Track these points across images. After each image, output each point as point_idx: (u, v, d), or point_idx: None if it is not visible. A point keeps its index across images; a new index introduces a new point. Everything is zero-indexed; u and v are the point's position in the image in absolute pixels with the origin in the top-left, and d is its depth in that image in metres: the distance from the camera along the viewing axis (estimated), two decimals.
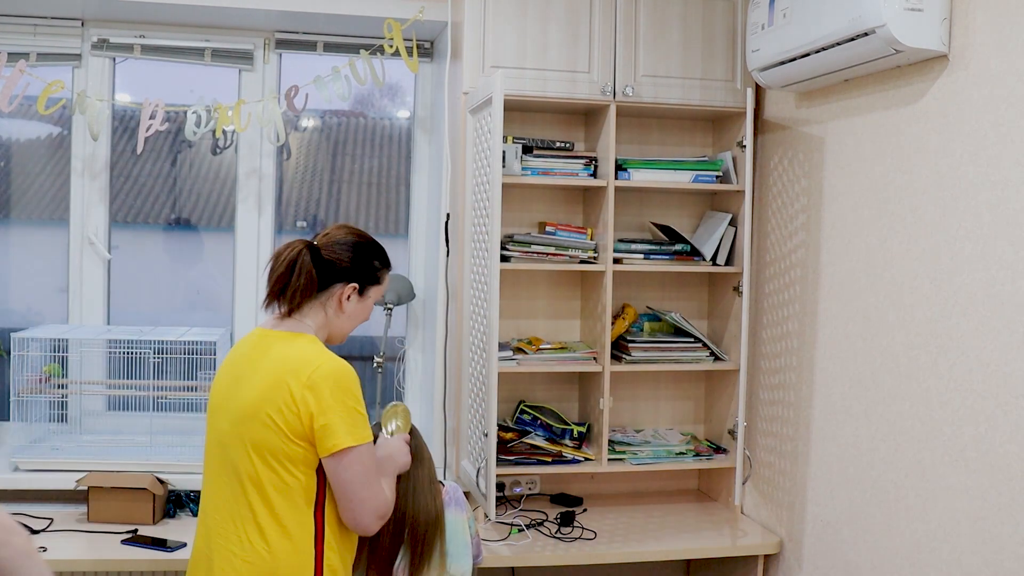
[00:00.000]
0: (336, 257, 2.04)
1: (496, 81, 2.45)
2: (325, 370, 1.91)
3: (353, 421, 1.90)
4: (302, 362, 1.92)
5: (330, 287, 2.03)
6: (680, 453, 3.04)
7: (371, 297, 2.11)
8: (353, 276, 2.05)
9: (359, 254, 2.06)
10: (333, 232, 2.09)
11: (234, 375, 2.01)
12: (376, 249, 2.11)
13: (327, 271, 2.02)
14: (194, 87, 3.18)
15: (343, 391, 1.91)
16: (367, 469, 1.92)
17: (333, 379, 1.90)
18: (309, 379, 1.89)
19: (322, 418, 1.88)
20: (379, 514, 1.96)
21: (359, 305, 2.08)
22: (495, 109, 2.46)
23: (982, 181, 2.07)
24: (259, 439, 1.90)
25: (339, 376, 1.92)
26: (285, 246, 2.03)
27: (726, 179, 3.05)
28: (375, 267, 2.09)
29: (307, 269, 1.99)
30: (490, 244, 2.48)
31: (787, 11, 2.51)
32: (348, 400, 1.91)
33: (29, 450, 2.85)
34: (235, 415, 1.94)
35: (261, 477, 1.90)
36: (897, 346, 2.34)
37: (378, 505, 1.95)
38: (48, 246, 3.16)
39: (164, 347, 2.86)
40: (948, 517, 2.15)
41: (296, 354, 1.94)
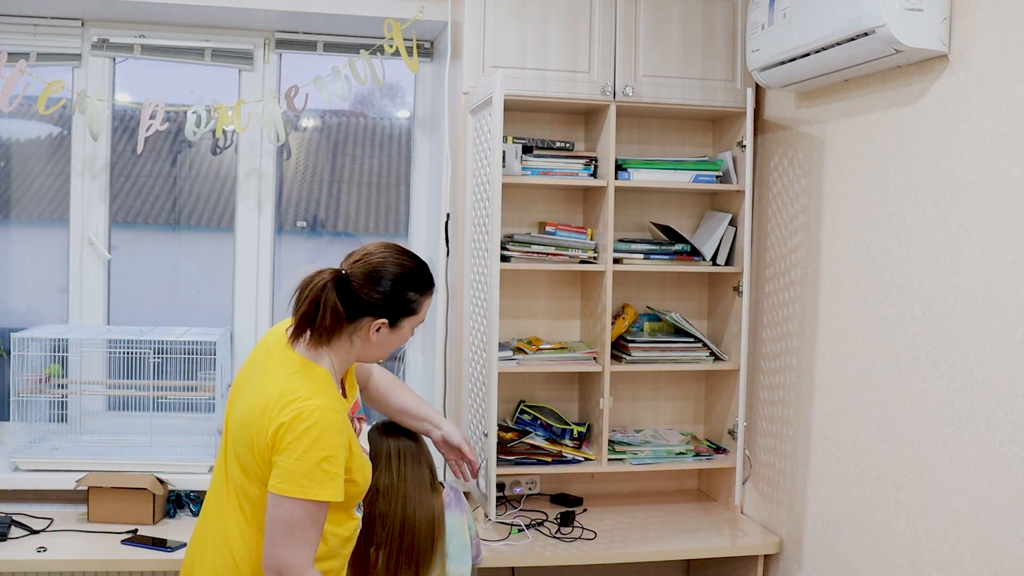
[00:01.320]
0: (366, 293, 1.90)
1: (496, 81, 2.45)
2: (304, 415, 1.79)
3: (303, 471, 1.77)
4: (293, 397, 1.82)
5: (358, 320, 1.91)
6: (680, 453, 3.04)
7: (405, 327, 1.96)
8: (383, 312, 1.92)
9: (392, 289, 1.91)
10: (372, 258, 1.94)
11: (247, 375, 1.98)
12: (413, 278, 1.95)
13: (355, 305, 1.90)
14: (194, 87, 3.18)
15: (311, 438, 1.78)
16: (294, 524, 1.78)
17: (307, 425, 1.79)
18: (293, 420, 1.79)
19: (279, 456, 1.79)
20: (276, 568, 1.79)
21: (391, 336, 1.96)
22: (495, 109, 2.46)
23: (982, 181, 2.07)
24: (242, 452, 1.87)
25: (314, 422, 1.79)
26: (311, 276, 1.90)
27: (726, 179, 3.05)
28: (409, 299, 1.94)
29: (331, 306, 1.86)
30: (490, 244, 2.48)
31: (787, 11, 2.51)
32: (312, 449, 1.78)
33: (29, 450, 2.85)
34: (235, 419, 1.92)
35: (241, 486, 1.89)
36: (897, 346, 2.34)
37: (282, 561, 1.78)
38: (48, 246, 3.16)
39: (164, 347, 2.86)
40: (948, 517, 2.15)
41: (295, 388, 1.84)
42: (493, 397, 2.49)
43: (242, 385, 1.97)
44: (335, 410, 1.83)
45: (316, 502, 1.79)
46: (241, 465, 1.88)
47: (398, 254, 1.97)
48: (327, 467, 1.79)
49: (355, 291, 1.90)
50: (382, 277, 1.91)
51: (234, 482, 1.91)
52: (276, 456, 1.80)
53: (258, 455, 1.83)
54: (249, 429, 1.84)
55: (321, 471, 1.79)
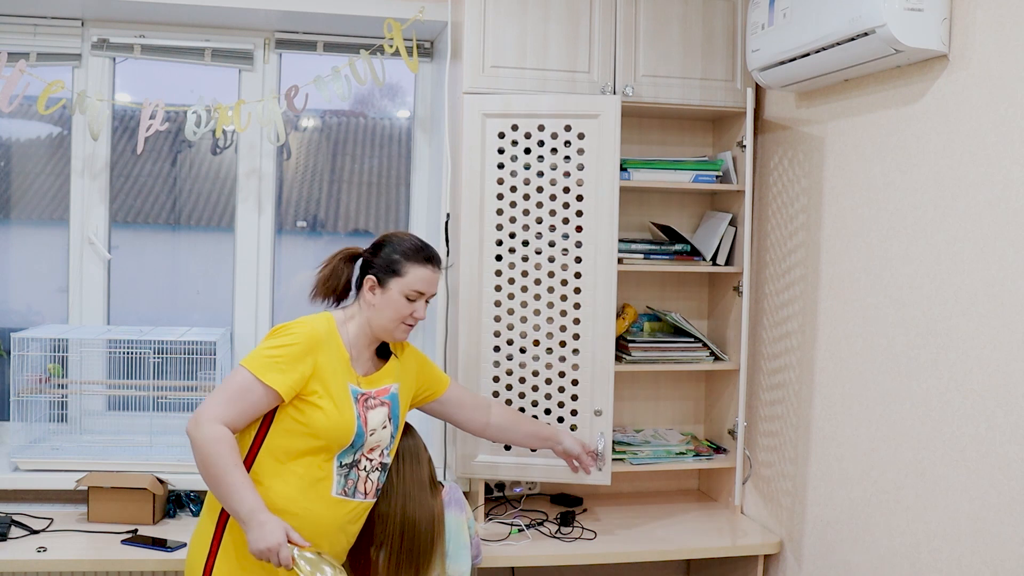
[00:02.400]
0: (367, 257, 2.23)
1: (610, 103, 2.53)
2: (282, 326, 2.12)
3: (256, 352, 2.07)
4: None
5: (361, 281, 2.22)
6: (680, 453, 3.04)
7: (393, 290, 2.19)
8: (375, 270, 2.20)
9: (383, 249, 2.21)
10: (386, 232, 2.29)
11: None
12: (403, 243, 2.21)
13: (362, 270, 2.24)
14: (194, 87, 3.18)
15: (275, 333, 2.11)
16: (227, 385, 2.04)
17: (279, 330, 2.12)
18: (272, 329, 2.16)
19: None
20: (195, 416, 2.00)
21: (383, 298, 2.19)
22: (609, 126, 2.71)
23: (982, 181, 2.07)
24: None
25: (280, 329, 2.12)
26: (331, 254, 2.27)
27: (726, 179, 3.05)
28: (394, 259, 2.19)
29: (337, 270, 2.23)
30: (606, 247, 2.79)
31: (787, 11, 2.51)
32: (270, 338, 2.10)
33: (29, 450, 2.85)
34: None
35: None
36: (897, 346, 2.34)
37: (202, 408, 2.01)
38: (48, 246, 3.16)
39: (164, 347, 2.86)
40: (948, 517, 2.15)
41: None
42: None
43: None
44: (311, 326, 2.12)
45: (251, 374, 2.02)
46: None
47: (404, 232, 2.29)
48: (274, 353, 2.05)
49: (362, 257, 2.25)
50: (380, 243, 2.24)
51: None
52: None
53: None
54: None
55: (269, 356, 2.05)
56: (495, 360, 2.80)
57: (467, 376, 2.78)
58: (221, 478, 1.96)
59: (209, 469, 1.97)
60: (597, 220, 2.78)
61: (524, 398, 2.80)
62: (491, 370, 2.80)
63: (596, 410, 2.79)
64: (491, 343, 2.79)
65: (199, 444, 1.97)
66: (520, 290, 2.79)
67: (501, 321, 2.79)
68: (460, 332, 2.78)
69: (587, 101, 2.77)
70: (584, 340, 2.80)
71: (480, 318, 2.78)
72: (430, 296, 2.25)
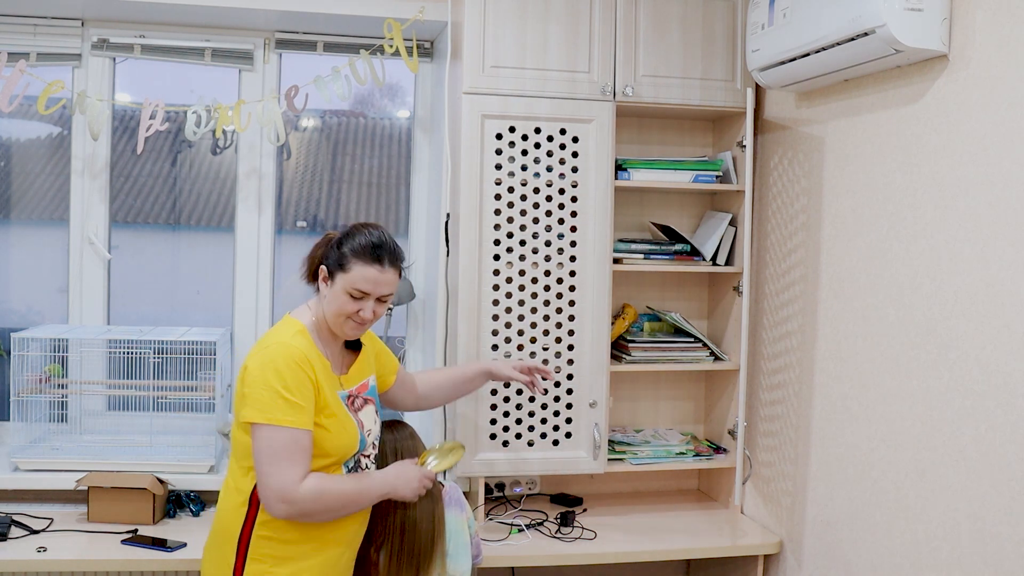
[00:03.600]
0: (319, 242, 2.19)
1: (604, 110, 2.45)
2: (268, 351, 2.00)
3: (268, 400, 1.95)
4: (263, 341, 2.09)
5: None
6: (680, 453, 3.04)
7: (338, 284, 2.08)
8: (323, 259, 2.14)
9: (338, 242, 2.12)
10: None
11: None
12: (352, 237, 2.11)
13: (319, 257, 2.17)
14: (194, 87, 3.18)
15: (272, 371, 1.96)
16: (273, 451, 1.93)
17: (268, 358, 1.98)
18: (255, 354, 2.03)
19: (243, 388, 2.00)
20: (278, 496, 1.93)
21: (330, 291, 2.11)
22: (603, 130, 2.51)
23: (982, 181, 2.07)
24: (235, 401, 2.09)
25: (274, 357, 1.98)
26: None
27: (726, 179, 3.05)
28: (342, 253, 2.09)
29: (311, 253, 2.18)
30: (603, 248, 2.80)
31: (787, 11, 2.51)
32: (272, 380, 1.96)
33: (29, 450, 2.85)
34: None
35: (234, 436, 2.09)
36: (897, 346, 2.34)
37: (277, 488, 1.92)
38: (48, 246, 3.16)
39: (164, 347, 2.86)
40: (948, 517, 2.15)
41: (268, 334, 2.13)
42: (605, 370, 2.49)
43: None
44: (294, 347, 2.01)
45: (286, 427, 1.94)
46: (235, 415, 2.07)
47: (370, 226, 2.16)
48: (287, 395, 1.96)
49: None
50: (345, 233, 2.15)
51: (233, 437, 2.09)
52: (243, 388, 2.01)
53: (238, 398, 2.05)
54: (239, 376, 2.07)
55: (282, 399, 1.95)
56: (493, 358, 2.80)
57: None
58: (353, 503, 2.05)
59: (340, 511, 2.02)
60: (592, 221, 2.84)
61: (522, 394, 2.83)
62: None
63: (591, 401, 2.86)
64: (490, 341, 2.80)
65: (309, 511, 1.97)
66: (518, 288, 2.81)
67: (499, 320, 2.80)
68: (460, 331, 2.78)
69: (583, 106, 2.82)
70: (580, 337, 2.86)
71: (479, 316, 2.79)
72: (380, 296, 2.09)
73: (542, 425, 2.85)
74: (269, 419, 1.93)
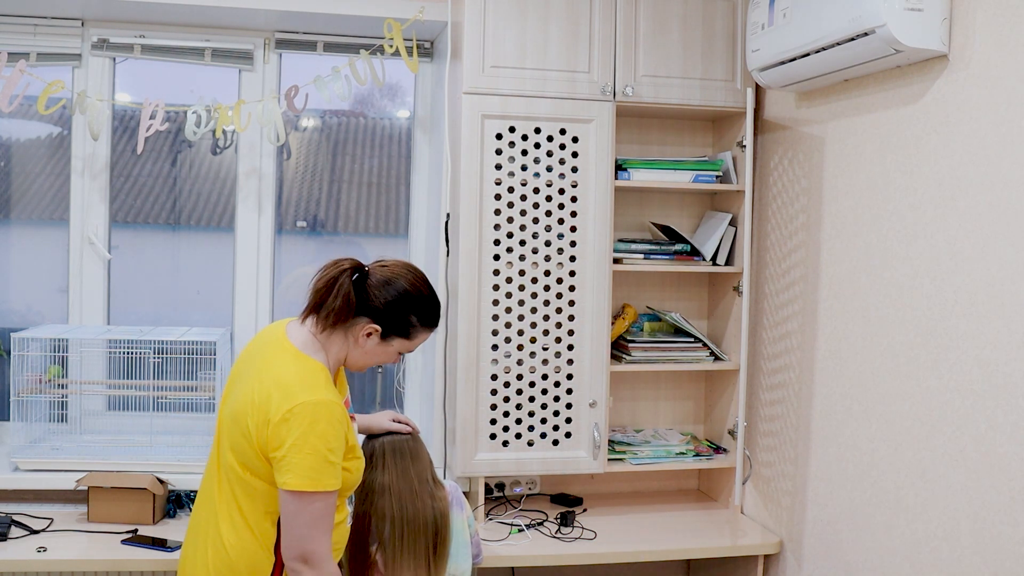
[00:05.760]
0: (375, 293, 1.98)
1: (604, 110, 2.45)
2: (305, 409, 1.84)
3: (316, 467, 1.84)
4: (292, 390, 1.87)
5: (358, 317, 1.98)
6: (680, 453, 3.05)
7: (394, 347, 2.03)
8: (381, 320, 1.99)
9: (399, 303, 1.99)
10: (395, 268, 2.03)
11: (241, 369, 2.03)
12: (423, 305, 2.02)
13: (362, 301, 1.97)
14: (194, 87, 3.18)
15: (317, 436, 1.84)
16: (316, 517, 1.86)
17: (310, 420, 1.84)
18: (289, 411, 1.84)
19: (283, 451, 1.84)
20: (306, 559, 1.87)
21: (379, 347, 2.02)
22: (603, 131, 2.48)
23: (982, 181, 2.07)
24: (238, 443, 1.92)
25: (317, 417, 1.84)
26: (333, 261, 1.99)
27: (726, 179, 3.05)
28: (409, 322, 2.01)
29: (345, 292, 1.95)
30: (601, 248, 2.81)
31: (787, 11, 2.51)
32: (318, 445, 1.84)
33: (29, 450, 2.85)
34: (230, 412, 1.96)
35: (235, 477, 1.94)
36: (897, 346, 2.34)
37: (309, 552, 1.87)
38: (48, 246, 3.16)
39: (164, 347, 2.86)
40: (948, 517, 2.15)
41: (291, 379, 1.89)
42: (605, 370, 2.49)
43: (236, 380, 2.02)
44: (335, 404, 1.88)
45: (329, 492, 1.87)
46: (238, 458, 1.92)
47: (420, 281, 2.05)
48: (332, 458, 1.86)
49: (367, 288, 1.99)
50: (395, 289, 1.99)
51: (228, 475, 1.95)
52: (279, 452, 1.84)
53: (256, 447, 1.88)
54: (245, 422, 1.89)
55: (328, 463, 1.86)
56: (493, 358, 2.81)
57: (467, 372, 2.79)
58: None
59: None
60: (592, 221, 2.85)
61: (522, 394, 2.83)
62: (490, 367, 2.81)
63: (591, 401, 2.86)
64: (490, 341, 2.80)
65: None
66: (518, 288, 2.81)
67: (499, 320, 2.80)
68: (459, 331, 2.78)
69: (582, 106, 2.82)
70: (580, 337, 2.87)
71: (479, 316, 2.79)
72: None
73: (542, 425, 2.85)
74: (316, 487, 1.84)
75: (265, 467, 1.89)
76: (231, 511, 1.95)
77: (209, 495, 2.01)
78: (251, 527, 1.94)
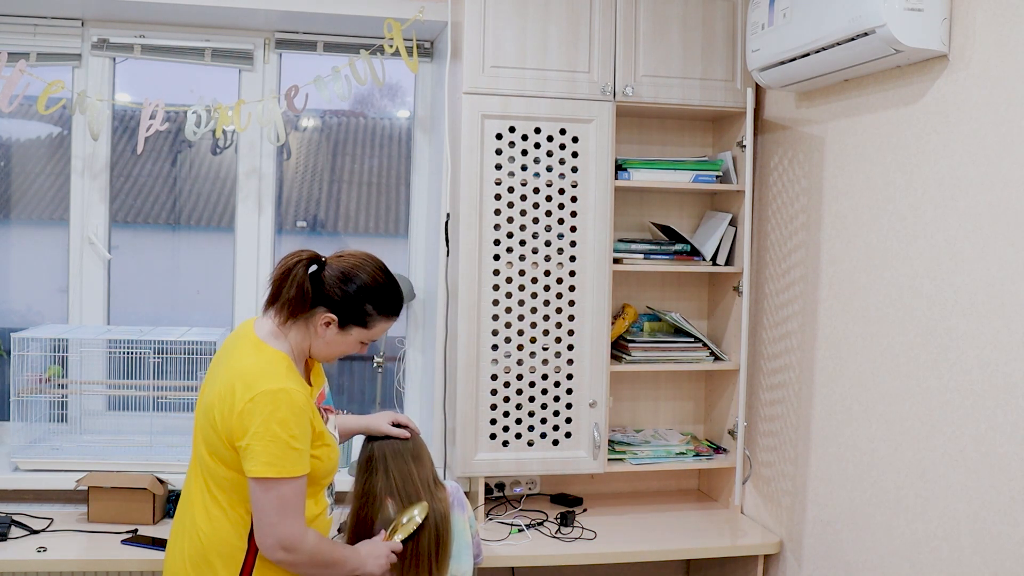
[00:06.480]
0: (330, 284, 2.01)
1: (604, 110, 2.45)
2: (265, 397, 1.88)
3: (278, 453, 1.87)
4: (252, 379, 1.90)
5: (316, 308, 2.01)
6: (680, 453, 3.05)
7: (354, 336, 2.05)
8: (337, 309, 2.01)
9: (354, 292, 2.01)
10: (351, 258, 2.05)
11: (215, 364, 2.09)
12: (378, 294, 2.03)
13: (318, 291, 2.00)
14: (194, 87, 3.18)
15: (278, 423, 1.87)
16: (283, 502, 1.89)
17: (270, 408, 1.87)
18: (251, 400, 1.88)
19: (247, 440, 1.88)
20: (283, 545, 1.90)
21: (339, 337, 2.04)
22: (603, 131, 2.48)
23: (982, 181, 2.07)
24: (209, 436, 1.96)
25: (277, 404, 1.87)
26: (292, 253, 2.02)
27: (726, 179, 3.05)
28: (365, 311, 2.03)
29: (298, 282, 1.98)
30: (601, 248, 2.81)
31: (787, 11, 2.51)
32: (279, 431, 1.87)
33: (29, 450, 2.85)
34: (202, 406, 2.01)
35: (208, 469, 1.98)
36: (897, 346, 2.34)
37: (283, 537, 1.90)
38: (48, 246, 3.16)
39: (164, 347, 2.86)
40: (948, 517, 2.15)
41: (253, 369, 1.93)
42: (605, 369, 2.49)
43: (210, 375, 2.07)
44: (295, 391, 1.91)
45: (295, 478, 1.90)
46: (209, 450, 1.97)
47: (376, 269, 2.06)
48: (296, 444, 1.90)
49: (323, 279, 2.01)
50: (351, 278, 2.02)
51: (202, 467, 2.00)
52: (243, 441, 1.89)
53: (224, 438, 1.92)
54: (212, 412, 1.94)
55: (291, 449, 1.89)
56: (493, 358, 2.81)
57: (467, 372, 2.79)
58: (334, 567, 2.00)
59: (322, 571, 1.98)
60: (592, 221, 2.85)
61: (522, 394, 2.83)
62: (490, 367, 2.81)
63: (591, 401, 2.86)
64: (490, 341, 2.80)
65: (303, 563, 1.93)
66: (518, 288, 2.81)
67: (499, 320, 2.80)
68: (459, 331, 2.78)
69: (582, 106, 2.82)
70: (580, 337, 2.87)
71: (479, 316, 2.79)
72: None
73: (542, 425, 2.85)
74: (281, 472, 1.88)
75: (234, 457, 1.93)
76: (205, 501, 2.00)
77: (188, 490, 2.06)
78: (225, 515, 1.98)
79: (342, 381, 3.44)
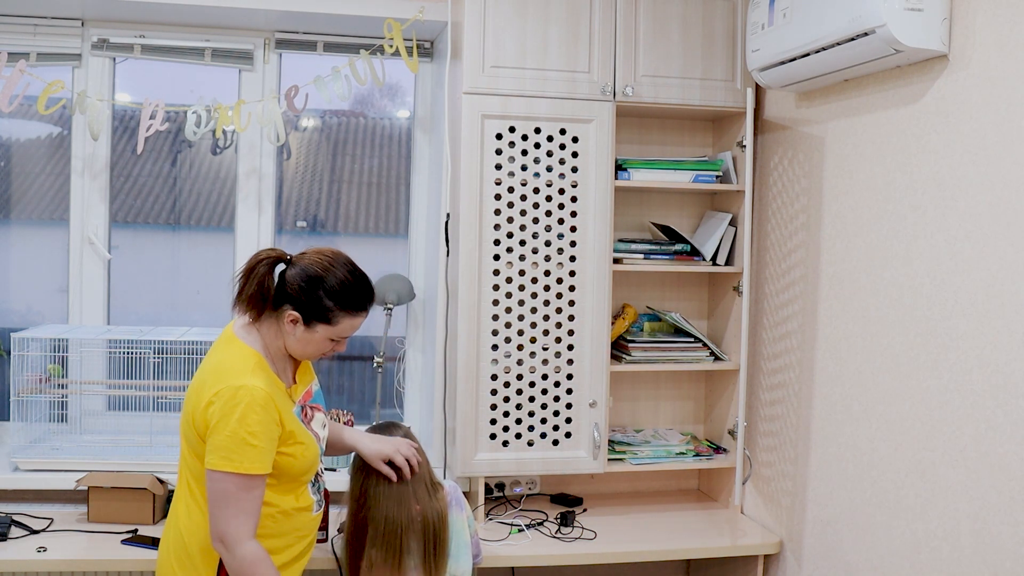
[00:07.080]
0: (290, 280, 2.03)
1: (604, 110, 2.45)
2: (227, 392, 1.91)
3: (231, 446, 1.90)
4: (221, 375, 1.95)
5: (283, 305, 2.03)
6: (680, 453, 3.04)
7: (320, 333, 2.04)
8: (300, 307, 2.02)
9: (311, 287, 2.01)
10: (314, 255, 2.06)
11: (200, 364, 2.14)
12: (340, 290, 2.02)
13: (282, 290, 2.03)
14: (194, 87, 3.19)
15: (237, 419, 1.90)
16: (229, 497, 1.90)
17: (231, 403, 1.91)
18: (216, 394, 1.92)
19: (208, 432, 1.93)
20: (220, 538, 1.92)
21: (306, 335, 2.04)
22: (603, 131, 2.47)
23: (982, 181, 2.07)
24: (186, 430, 2.02)
25: (237, 400, 1.91)
26: (258, 251, 2.06)
27: (726, 179, 3.05)
28: (326, 307, 2.02)
29: (258, 279, 2.00)
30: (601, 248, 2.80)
31: (787, 11, 2.51)
32: (237, 428, 1.90)
33: (29, 450, 2.85)
34: (185, 403, 2.05)
35: (187, 464, 2.03)
36: (897, 346, 2.34)
37: (222, 531, 1.91)
38: (48, 246, 3.16)
39: (164, 347, 2.86)
40: (948, 517, 2.15)
41: (224, 365, 1.98)
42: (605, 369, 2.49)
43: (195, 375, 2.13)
44: (258, 388, 1.94)
45: (246, 475, 1.91)
46: (187, 442, 2.03)
47: (337, 265, 2.05)
48: (253, 441, 1.91)
49: (286, 277, 2.04)
50: (312, 276, 2.02)
51: (185, 463, 2.06)
52: (206, 433, 1.93)
53: (196, 430, 1.97)
54: (188, 405, 2.00)
55: (248, 445, 1.90)
56: (493, 358, 2.81)
57: (467, 372, 2.79)
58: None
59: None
60: (592, 221, 2.85)
61: (522, 394, 2.83)
62: (490, 367, 2.81)
63: (591, 401, 2.86)
64: (490, 341, 2.80)
65: (236, 569, 1.92)
66: (518, 288, 2.81)
67: (499, 320, 2.81)
68: (459, 331, 2.78)
69: (582, 106, 2.83)
70: (580, 337, 2.87)
71: (479, 316, 2.79)
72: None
73: (542, 425, 2.85)
74: (232, 467, 1.90)
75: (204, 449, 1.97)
76: (187, 496, 2.04)
77: (176, 488, 2.10)
78: (203, 510, 2.00)
79: (342, 381, 3.44)
